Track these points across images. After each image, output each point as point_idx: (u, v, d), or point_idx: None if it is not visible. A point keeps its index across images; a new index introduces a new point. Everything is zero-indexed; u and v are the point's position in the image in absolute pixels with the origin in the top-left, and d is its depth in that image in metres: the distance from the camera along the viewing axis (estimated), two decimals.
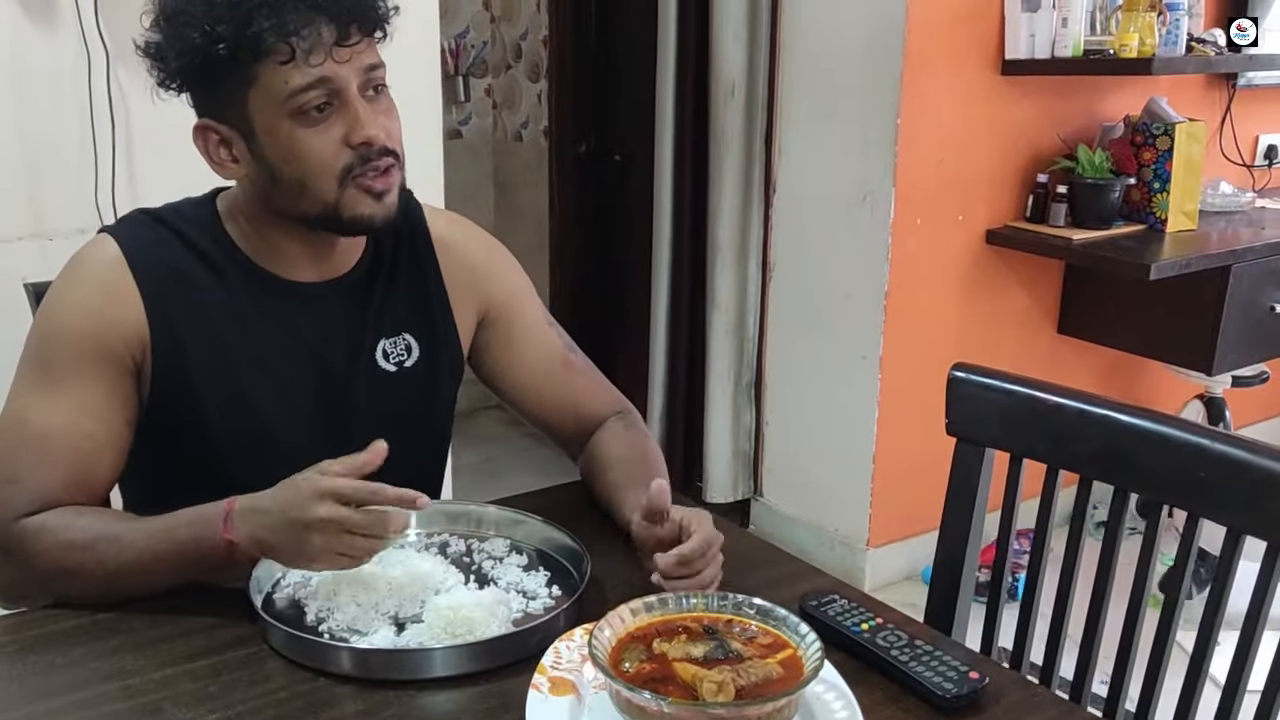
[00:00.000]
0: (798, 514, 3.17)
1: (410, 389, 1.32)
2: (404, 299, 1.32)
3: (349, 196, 1.17)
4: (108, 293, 1.18)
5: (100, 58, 1.89)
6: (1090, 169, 2.85)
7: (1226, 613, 1.10)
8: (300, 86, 1.12)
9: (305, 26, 1.10)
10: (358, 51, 1.14)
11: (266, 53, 1.10)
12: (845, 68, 2.80)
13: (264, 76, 1.12)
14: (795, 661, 0.95)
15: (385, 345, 1.31)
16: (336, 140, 1.15)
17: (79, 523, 1.13)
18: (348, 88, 1.14)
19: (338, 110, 1.14)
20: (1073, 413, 1.19)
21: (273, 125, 1.14)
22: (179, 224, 1.23)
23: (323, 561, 1.07)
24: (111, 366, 1.18)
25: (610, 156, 3.80)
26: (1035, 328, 3.14)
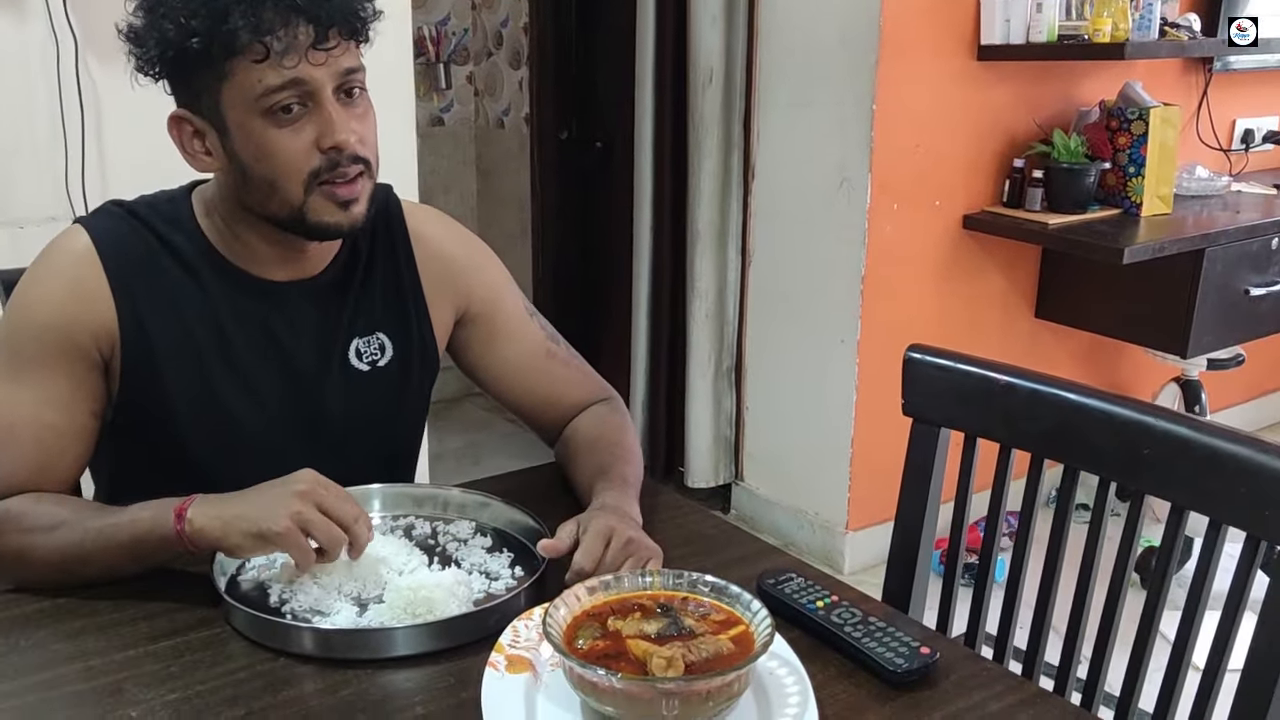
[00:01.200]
0: (778, 498, 3.19)
1: (383, 389, 1.32)
2: (379, 298, 1.31)
3: (315, 202, 1.16)
4: (77, 286, 1.18)
5: (69, 45, 1.89)
6: (1066, 154, 2.86)
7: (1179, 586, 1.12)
8: (273, 86, 1.11)
9: (282, 26, 1.09)
10: (334, 55, 1.13)
11: (240, 49, 1.09)
12: (822, 54, 2.81)
13: (237, 73, 1.11)
14: (747, 637, 0.96)
15: (359, 344, 1.30)
16: (307, 142, 1.14)
17: (39, 508, 1.14)
18: (321, 90, 1.13)
19: (310, 112, 1.13)
20: (1025, 392, 1.21)
21: (244, 121, 1.13)
22: (152, 218, 1.23)
23: (283, 528, 1.05)
24: (78, 360, 1.19)
25: (592, 143, 3.81)
26: (1013, 312, 3.16)
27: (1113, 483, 1.15)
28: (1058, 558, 1.20)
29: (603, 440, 1.35)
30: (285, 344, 1.27)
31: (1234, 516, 1.04)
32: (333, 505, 1.07)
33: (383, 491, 1.29)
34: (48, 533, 1.12)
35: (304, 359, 1.28)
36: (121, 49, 1.88)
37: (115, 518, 1.12)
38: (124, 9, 1.15)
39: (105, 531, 1.11)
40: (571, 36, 3.85)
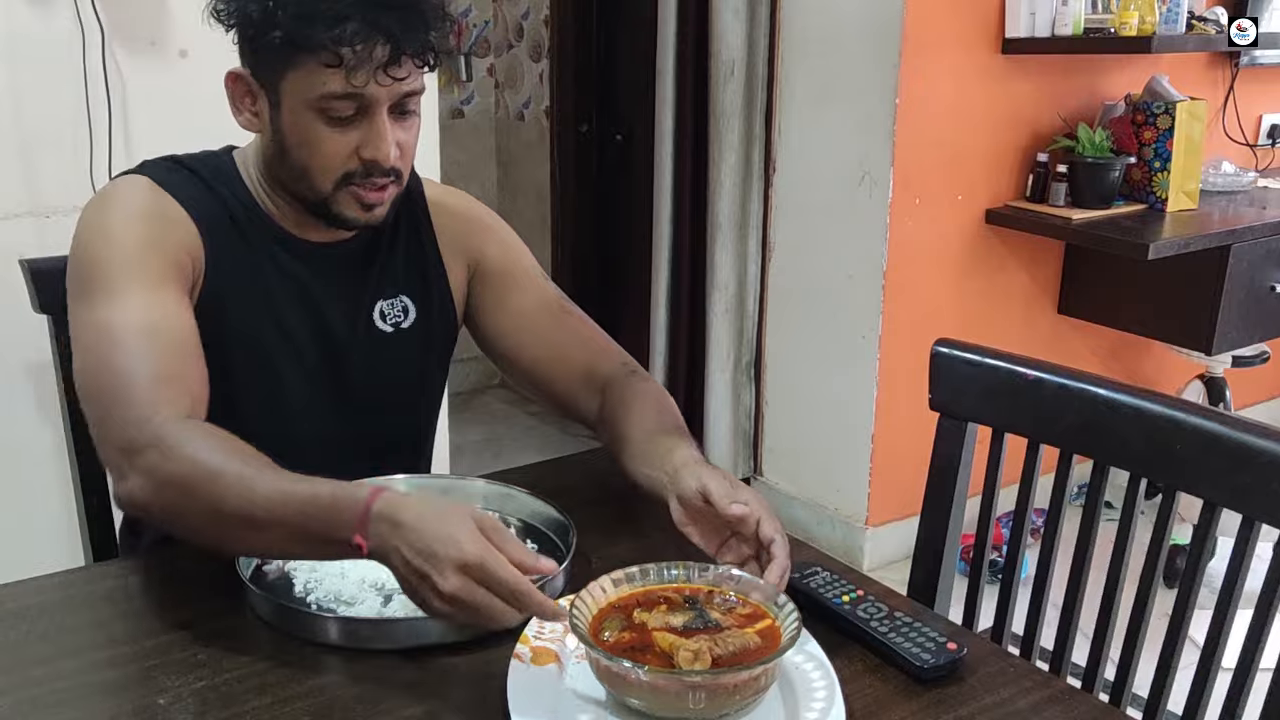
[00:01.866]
0: (797, 493, 3.18)
1: (407, 349, 1.35)
2: (400, 262, 1.35)
3: (341, 198, 1.20)
4: (159, 211, 1.19)
5: (95, 35, 1.90)
6: (1091, 148, 2.84)
7: (1209, 586, 1.11)
8: (334, 93, 1.13)
9: (361, 43, 1.11)
10: (401, 79, 1.15)
11: (316, 50, 1.11)
12: (845, 47, 2.80)
13: (306, 67, 1.13)
14: (773, 632, 0.96)
15: (383, 306, 1.34)
16: (350, 146, 1.17)
17: (213, 445, 1.04)
18: (378, 106, 1.16)
19: (361, 120, 1.16)
20: (1053, 387, 1.20)
21: (298, 109, 1.16)
22: (199, 168, 1.25)
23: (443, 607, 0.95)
24: (175, 274, 1.16)
25: (612, 136, 3.80)
26: (1035, 308, 3.14)
27: (1143, 479, 1.14)
28: (1086, 555, 1.19)
29: (669, 416, 1.27)
30: (319, 302, 1.29)
31: (1267, 513, 1.03)
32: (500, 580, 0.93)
33: (407, 482, 1.29)
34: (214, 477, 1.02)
35: (334, 319, 1.31)
36: (146, 40, 1.90)
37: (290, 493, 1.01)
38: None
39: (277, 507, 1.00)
40: (592, 29, 3.84)
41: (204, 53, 1.91)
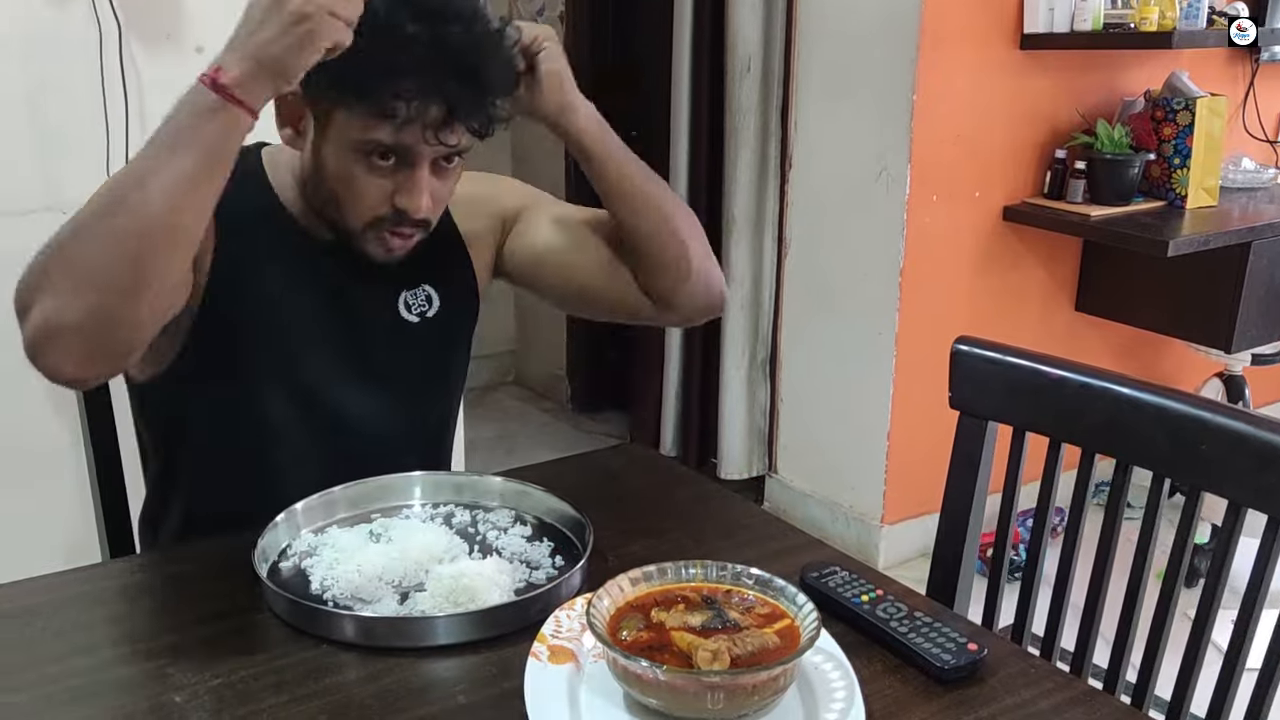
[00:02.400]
0: (812, 490, 3.17)
1: (431, 339, 1.36)
2: (423, 252, 1.33)
3: (368, 237, 1.22)
4: None
5: (112, 30, 1.90)
6: (1109, 144, 2.82)
7: (1229, 587, 1.10)
8: (378, 142, 1.14)
9: (419, 100, 1.10)
10: (449, 144, 1.15)
11: (371, 99, 1.11)
12: (862, 43, 2.78)
13: (359, 109, 1.13)
14: (792, 631, 0.95)
15: (407, 297, 1.34)
16: (385, 191, 1.17)
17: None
18: (420, 160, 1.16)
19: (401, 169, 1.17)
20: (1076, 386, 1.19)
21: (342, 146, 1.16)
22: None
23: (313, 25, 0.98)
24: None
25: (627, 132, 3.78)
26: (1053, 305, 3.12)
27: (1166, 479, 1.13)
28: (1108, 555, 1.18)
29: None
30: (343, 296, 1.30)
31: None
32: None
33: (422, 479, 1.29)
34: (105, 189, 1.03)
35: (359, 312, 1.32)
36: (162, 34, 1.90)
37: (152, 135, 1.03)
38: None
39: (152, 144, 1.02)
40: (608, 25, 3.83)
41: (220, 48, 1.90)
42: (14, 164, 1.91)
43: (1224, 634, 1.10)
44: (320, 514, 1.22)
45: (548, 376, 4.14)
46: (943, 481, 1.32)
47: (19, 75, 1.88)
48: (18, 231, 1.89)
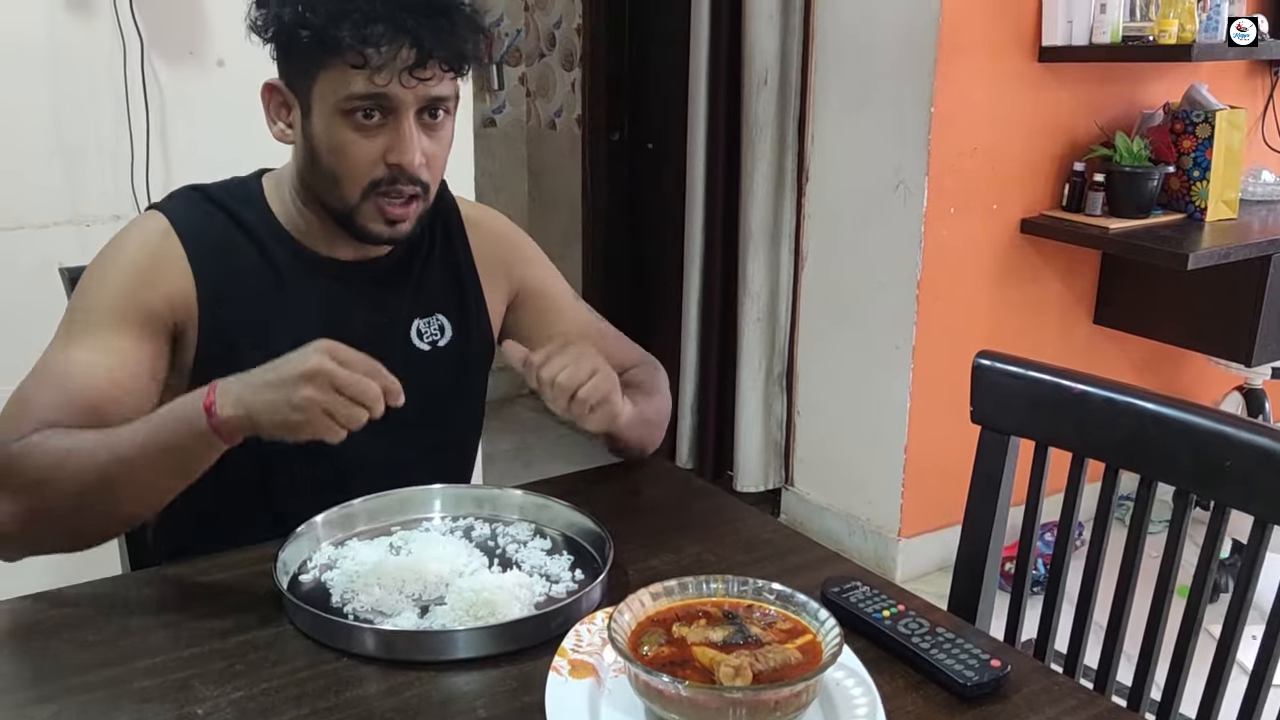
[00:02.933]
0: (829, 503, 3.16)
1: (444, 368, 1.35)
2: (438, 281, 1.36)
3: (367, 209, 1.21)
4: (157, 257, 1.22)
5: (135, 45, 1.92)
6: (1128, 157, 2.81)
7: (1254, 604, 1.09)
8: (358, 94, 1.15)
9: (387, 44, 1.12)
10: (427, 81, 1.16)
11: (342, 52, 1.13)
12: (879, 55, 2.78)
13: (334, 70, 1.15)
14: (814, 647, 0.95)
15: (420, 325, 1.34)
16: (377, 151, 1.18)
17: (68, 434, 1.11)
18: (404, 109, 1.16)
19: (389, 125, 1.17)
20: (1099, 401, 1.18)
21: (327, 114, 1.17)
22: (226, 199, 1.27)
23: (307, 418, 1.02)
24: (146, 322, 1.20)
25: (643, 144, 3.80)
26: (1071, 318, 3.11)
27: (1191, 495, 1.12)
28: (1131, 571, 1.17)
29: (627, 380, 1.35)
30: (350, 321, 1.29)
31: None
32: (347, 383, 1.03)
33: (442, 492, 1.29)
34: (78, 453, 1.08)
35: (367, 337, 1.28)
36: (184, 50, 1.92)
37: (145, 425, 1.09)
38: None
39: (139, 438, 1.08)
40: (624, 37, 3.85)
41: (241, 62, 1.92)
42: (37, 176, 1.93)
43: (1249, 652, 1.09)
44: (340, 527, 1.23)
45: None
46: (961, 494, 1.32)
47: (43, 88, 1.90)
48: (39, 243, 1.91)
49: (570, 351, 1.16)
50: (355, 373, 1.03)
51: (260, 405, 1.04)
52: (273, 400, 1.03)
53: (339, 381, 1.02)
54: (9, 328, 1.84)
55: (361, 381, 1.03)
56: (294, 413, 1.02)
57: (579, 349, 1.17)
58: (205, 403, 1.06)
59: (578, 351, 1.16)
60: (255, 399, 1.04)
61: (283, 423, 1.04)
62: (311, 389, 1.02)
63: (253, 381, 1.06)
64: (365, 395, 1.03)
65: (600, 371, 1.17)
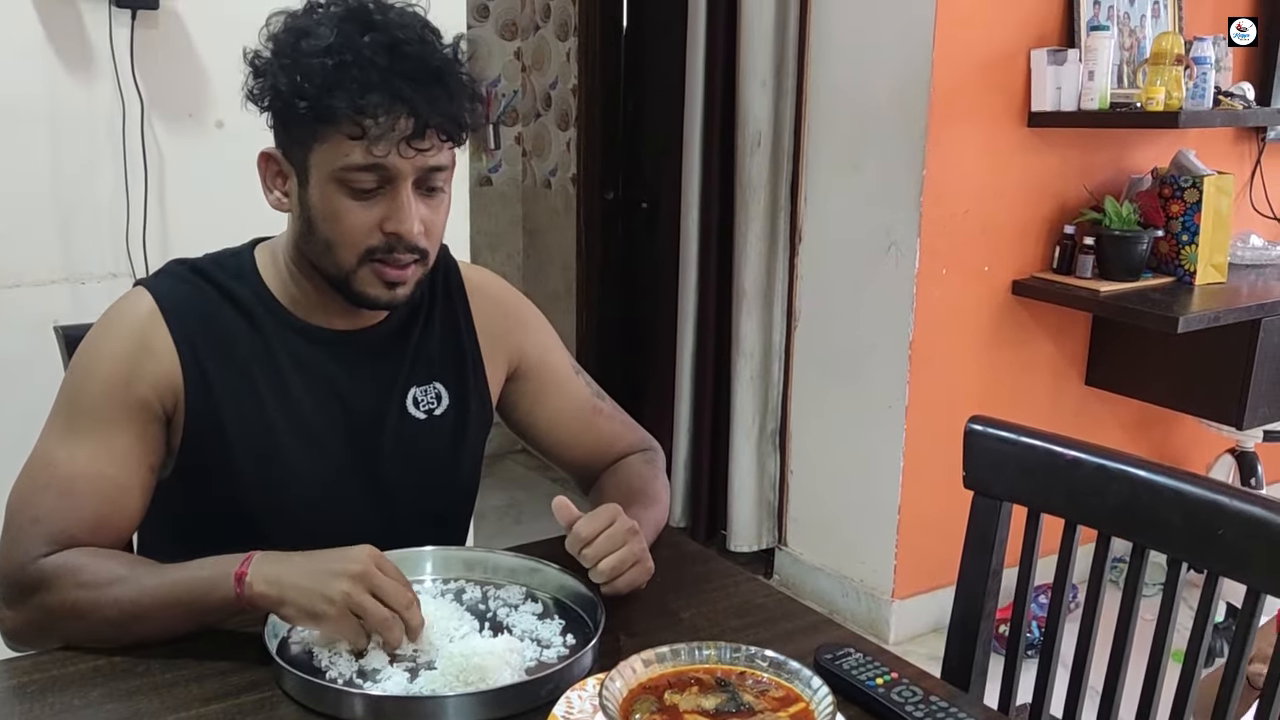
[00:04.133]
0: (822, 564, 3.15)
1: (439, 437, 1.34)
2: (437, 349, 1.34)
3: (364, 275, 1.20)
4: (141, 342, 1.21)
5: (135, 106, 1.93)
6: (1118, 221, 2.84)
7: None
8: (356, 164, 1.14)
9: (384, 114, 1.12)
10: (425, 151, 1.16)
11: (339, 122, 1.13)
12: (871, 118, 2.82)
13: (330, 140, 1.14)
14: (807, 715, 0.94)
15: (416, 393, 1.32)
16: (373, 220, 1.17)
17: (95, 564, 1.14)
18: (402, 179, 1.16)
19: (386, 194, 1.17)
20: (1091, 467, 1.18)
21: (324, 183, 1.17)
22: (214, 272, 1.26)
23: (335, 612, 1.05)
24: (140, 414, 1.20)
25: (638, 204, 3.83)
26: (1062, 379, 3.12)
27: (1184, 563, 1.12)
28: (1126, 638, 1.16)
29: (629, 485, 1.38)
30: (344, 392, 1.28)
31: None
32: (386, 589, 1.06)
33: (434, 554, 1.28)
34: (104, 588, 1.12)
35: (363, 406, 1.30)
36: (184, 112, 1.94)
37: (174, 575, 1.12)
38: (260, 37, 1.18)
39: (164, 589, 1.11)
40: (619, 98, 3.90)
41: (240, 124, 1.92)
42: (35, 235, 1.93)
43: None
44: None
45: None
46: (954, 556, 1.32)
47: (43, 147, 1.91)
48: (36, 302, 1.91)
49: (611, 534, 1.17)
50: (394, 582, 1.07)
51: (293, 590, 1.07)
52: (309, 589, 1.06)
53: (378, 586, 1.06)
54: (4, 384, 1.84)
55: (398, 589, 1.07)
56: (325, 605, 1.05)
57: (619, 525, 1.18)
58: (237, 572, 1.08)
59: (615, 531, 1.18)
60: (290, 582, 1.07)
61: (310, 611, 1.06)
62: (349, 585, 1.05)
63: (292, 566, 1.08)
64: (398, 601, 1.07)
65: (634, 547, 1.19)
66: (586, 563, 1.17)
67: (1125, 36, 2.93)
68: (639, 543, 1.20)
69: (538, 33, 4.17)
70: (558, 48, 4.09)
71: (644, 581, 1.21)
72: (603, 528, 1.17)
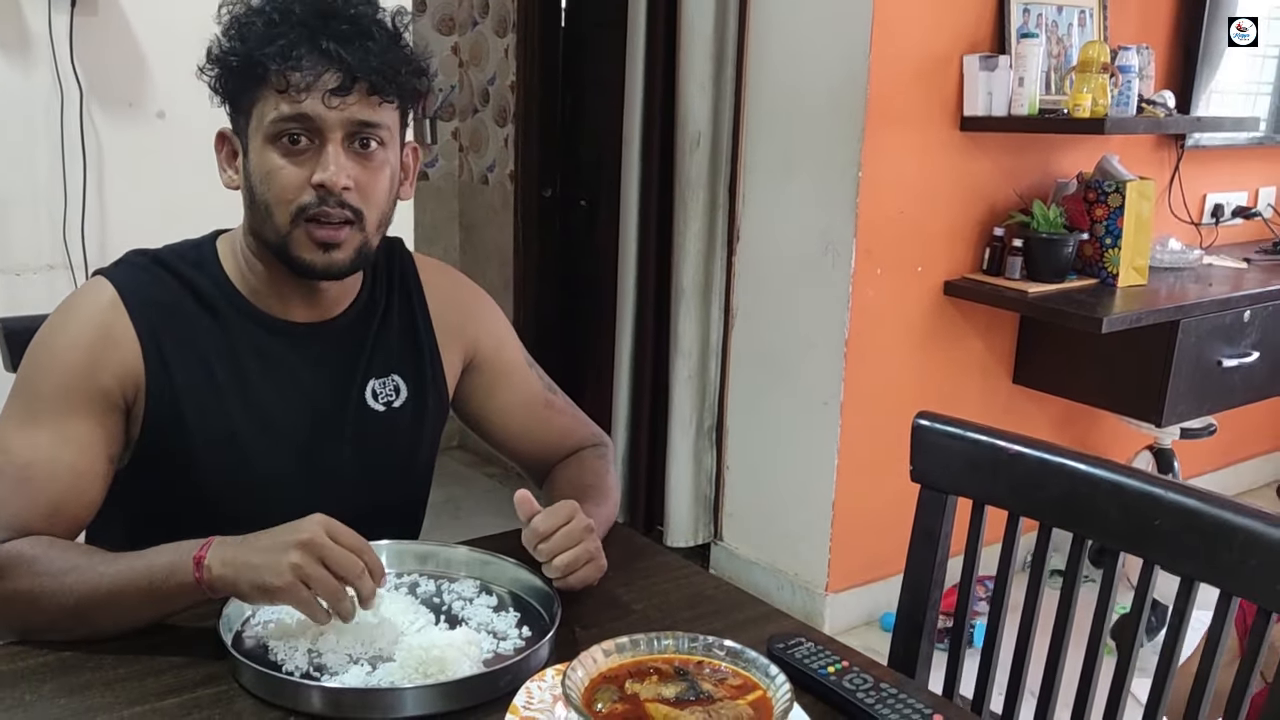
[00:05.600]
0: (758, 558, 3.19)
1: (397, 429, 1.35)
2: (395, 341, 1.35)
3: (297, 236, 1.19)
4: (102, 332, 1.20)
5: (74, 94, 1.90)
6: (1045, 224, 2.92)
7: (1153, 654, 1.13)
8: (282, 115, 1.16)
9: (309, 67, 1.14)
10: (350, 104, 1.16)
11: (267, 77, 1.15)
12: (808, 121, 2.86)
13: (262, 98, 1.17)
14: (765, 703, 0.96)
15: (375, 385, 1.34)
16: (304, 176, 1.17)
17: (52, 552, 1.13)
18: (329, 132, 1.17)
19: (316, 150, 1.17)
20: (1033, 461, 1.23)
21: (259, 146, 1.18)
22: (176, 264, 1.26)
23: (284, 584, 1.04)
24: (99, 403, 1.19)
25: (576, 201, 3.84)
26: (992, 378, 3.20)
27: (1120, 552, 1.17)
28: (1066, 626, 1.21)
29: (581, 481, 1.40)
30: (304, 383, 1.29)
31: (1245, 588, 1.06)
32: (335, 557, 1.05)
33: (388, 548, 1.28)
34: (61, 576, 1.10)
35: (322, 398, 1.30)
36: (123, 101, 1.91)
37: (131, 562, 1.10)
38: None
39: (122, 576, 1.10)
40: (557, 95, 3.90)
41: (181, 114, 1.91)
42: None
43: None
44: None
45: None
46: (887, 549, 1.36)
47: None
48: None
49: (568, 531, 1.19)
50: (344, 548, 1.06)
51: (244, 567, 1.06)
52: (258, 564, 1.05)
53: (326, 555, 1.05)
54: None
55: (347, 557, 1.06)
56: (274, 577, 1.04)
57: (576, 522, 1.20)
58: (196, 555, 1.08)
59: (572, 529, 1.20)
60: (243, 560, 1.06)
61: (261, 586, 1.05)
62: (298, 556, 1.04)
63: (246, 544, 1.08)
64: (348, 570, 1.05)
65: (589, 545, 1.21)
66: (541, 557, 1.19)
67: (1053, 44, 3.02)
68: (594, 541, 1.22)
69: (476, 28, 4.16)
70: (496, 43, 4.08)
71: (596, 579, 1.23)
72: (560, 524, 1.19)
